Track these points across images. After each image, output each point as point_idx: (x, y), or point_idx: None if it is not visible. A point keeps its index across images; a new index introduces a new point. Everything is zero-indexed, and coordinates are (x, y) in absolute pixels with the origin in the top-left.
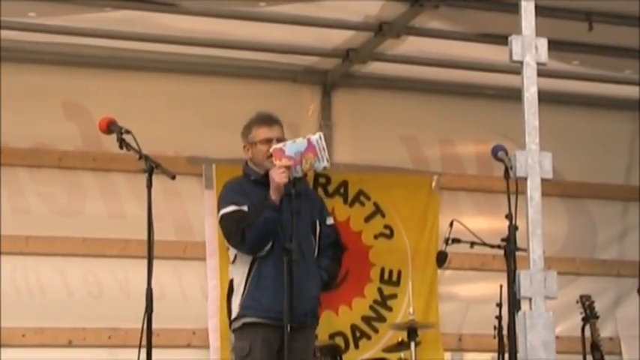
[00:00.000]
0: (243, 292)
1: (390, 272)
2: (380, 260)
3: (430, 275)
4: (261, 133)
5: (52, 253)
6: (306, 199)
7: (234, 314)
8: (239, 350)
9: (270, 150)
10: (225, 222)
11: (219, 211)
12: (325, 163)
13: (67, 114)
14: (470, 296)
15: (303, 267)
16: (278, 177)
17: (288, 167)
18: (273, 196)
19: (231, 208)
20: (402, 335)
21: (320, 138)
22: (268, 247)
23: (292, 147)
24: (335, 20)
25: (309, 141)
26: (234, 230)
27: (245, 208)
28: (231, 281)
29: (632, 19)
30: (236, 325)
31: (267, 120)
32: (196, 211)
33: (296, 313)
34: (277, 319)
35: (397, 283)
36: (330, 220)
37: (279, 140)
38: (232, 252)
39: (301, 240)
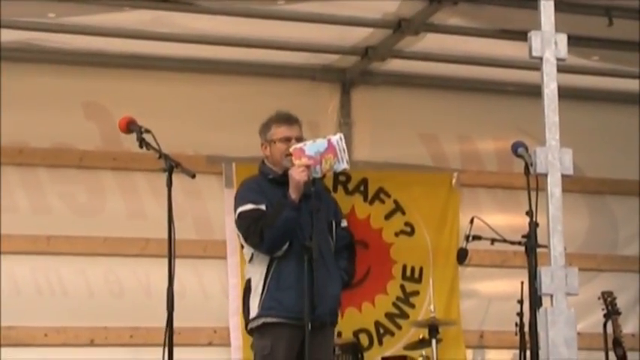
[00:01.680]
0: (263, 291)
1: (412, 269)
2: (401, 257)
3: (451, 272)
4: (281, 131)
5: (72, 253)
6: (323, 200)
7: (252, 314)
8: (260, 349)
9: (291, 149)
10: (243, 220)
11: (235, 209)
12: (345, 165)
13: (86, 114)
14: (491, 293)
15: (323, 266)
16: (298, 175)
17: (307, 166)
18: (293, 195)
19: (249, 206)
20: (424, 332)
21: (340, 139)
22: (286, 246)
23: (312, 147)
24: (353, 18)
25: (329, 141)
26: (252, 229)
27: (263, 206)
28: (249, 281)
29: None
30: (254, 324)
31: (287, 119)
32: (216, 210)
33: (318, 312)
34: (299, 319)
35: (419, 280)
36: (344, 223)
37: (298, 139)
38: (249, 251)
39: (320, 239)
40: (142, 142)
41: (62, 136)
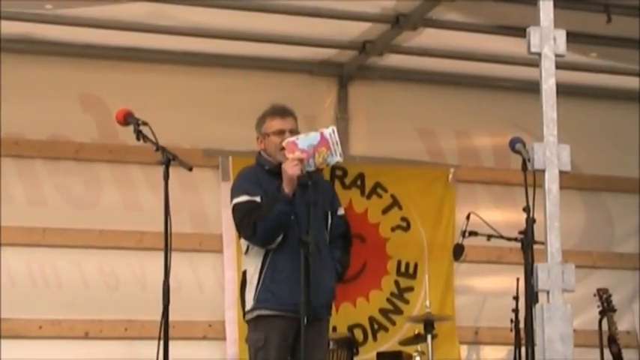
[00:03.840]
0: (258, 284)
1: (407, 265)
2: (397, 253)
3: (446, 268)
4: (274, 124)
5: (68, 245)
6: (320, 191)
7: (248, 306)
8: (254, 342)
9: (283, 143)
10: (237, 212)
11: (231, 199)
12: (338, 158)
13: (83, 106)
14: (486, 289)
15: (319, 259)
16: (291, 169)
17: (300, 160)
18: (286, 188)
19: (244, 198)
20: (419, 328)
21: (333, 132)
22: (279, 239)
23: (305, 140)
24: (352, 12)
25: (322, 135)
26: (245, 222)
27: (257, 198)
28: (244, 273)
29: None
30: (250, 316)
31: (280, 112)
32: (213, 204)
33: (313, 305)
34: (293, 312)
35: (413, 276)
36: (341, 211)
37: (292, 132)
38: (245, 243)
39: (316, 232)
40: (139, 135)
41: (59, 128)
